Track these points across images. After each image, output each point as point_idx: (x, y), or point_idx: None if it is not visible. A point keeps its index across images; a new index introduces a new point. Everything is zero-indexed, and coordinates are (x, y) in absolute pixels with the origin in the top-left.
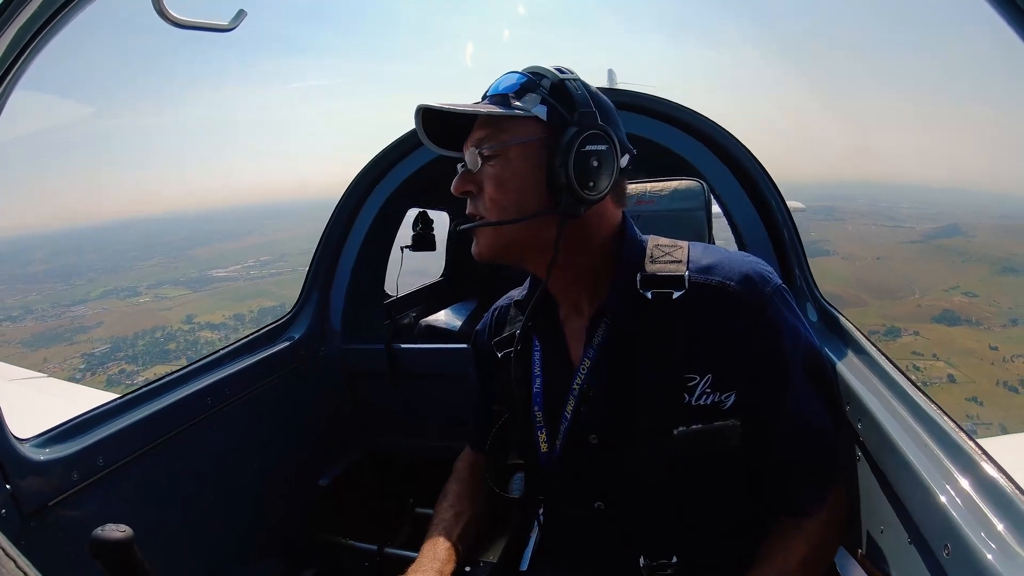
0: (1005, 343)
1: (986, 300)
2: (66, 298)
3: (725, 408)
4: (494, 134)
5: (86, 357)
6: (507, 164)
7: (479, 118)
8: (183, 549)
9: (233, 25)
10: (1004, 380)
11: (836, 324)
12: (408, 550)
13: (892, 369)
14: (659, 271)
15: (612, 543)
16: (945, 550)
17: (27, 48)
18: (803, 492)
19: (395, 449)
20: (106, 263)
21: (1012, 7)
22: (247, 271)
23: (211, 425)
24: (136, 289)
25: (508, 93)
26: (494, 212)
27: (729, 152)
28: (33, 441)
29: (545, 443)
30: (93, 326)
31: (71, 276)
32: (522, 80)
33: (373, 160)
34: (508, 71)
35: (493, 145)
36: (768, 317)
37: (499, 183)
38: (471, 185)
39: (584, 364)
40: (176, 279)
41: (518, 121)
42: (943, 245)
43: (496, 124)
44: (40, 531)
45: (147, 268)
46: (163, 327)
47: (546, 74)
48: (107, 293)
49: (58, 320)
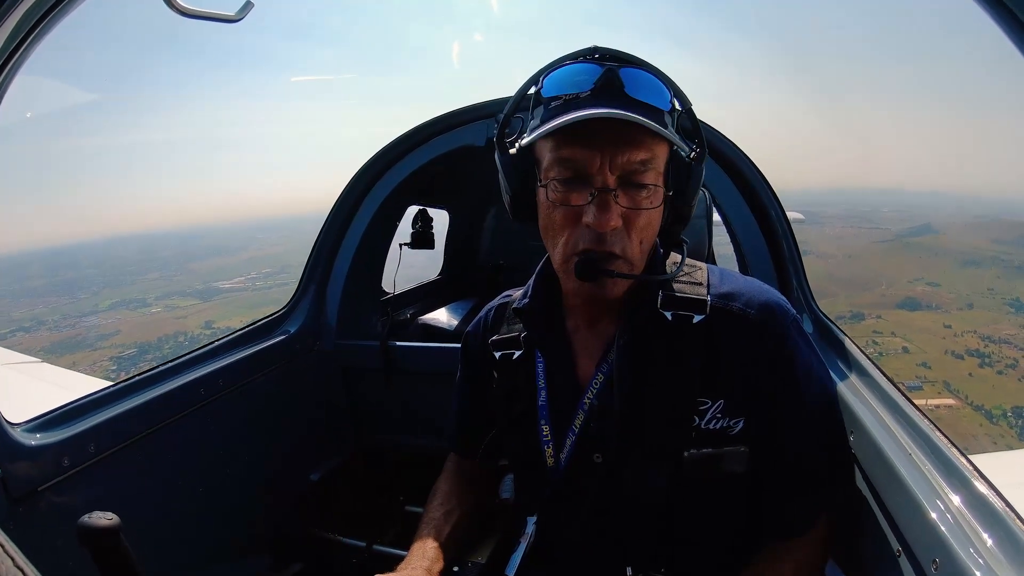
0: (959, 323)
1: (947, 289)
2: (75, 310)
3: (733, 434)
4: (652, 161)
5: (116, 360)
6: (657, 199)
7: (633, 128)
8: (172, 538)
9: (240, 16)
10: (952, 350)
11: (832, 337)
12: (397, 548)
13: (886, 383)
14: (681, 292)
15: (602, 554)
16: (934, 565)
17: (27, 38)
18: (796, 515)
19: (387, 446)
20: (106, 277)
21: (1004, 10)
22: (252, 282)
23: (204, 416)
24: (145, 300)
25: (659, 107)
26: (639, 254)
27: (730, 161)
28: (25, 426)
29: (551, 458)
30: (112, 334)
31: (74, 290)
32: (668, 94)
33: (374, 157)
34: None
35: (655, 181)
36: (786, 348)
37: (651, 222)
38: (620, 220)
39: (596, 380)
40: (183, 291)
41: (661, 142)
42: (913, 243)
43: (651, 146)
44: (29, 516)
45: (149, 282)
46: (184, 332)
47: (675, 89)
48: (116, 305)
49: (73, 330)
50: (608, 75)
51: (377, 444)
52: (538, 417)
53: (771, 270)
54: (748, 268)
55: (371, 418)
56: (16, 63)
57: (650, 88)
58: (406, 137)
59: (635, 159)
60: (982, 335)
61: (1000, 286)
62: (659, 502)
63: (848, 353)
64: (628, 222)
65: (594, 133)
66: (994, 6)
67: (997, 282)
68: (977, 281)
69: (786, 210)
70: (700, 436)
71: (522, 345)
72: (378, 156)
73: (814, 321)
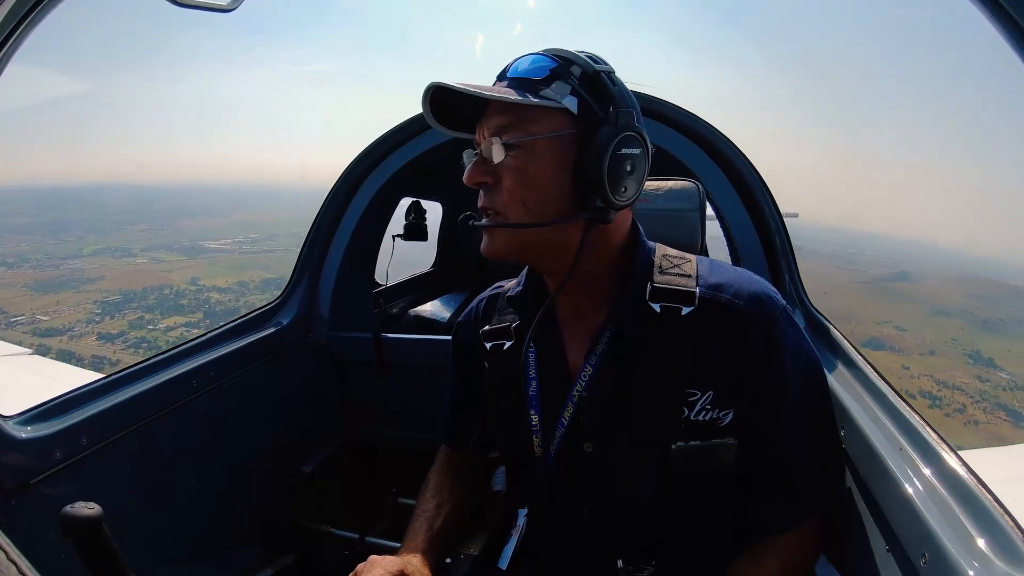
0: (917, 366)
1: (913, 334)
2: (59, 252)
3: (723, 425)
4: (518, 123)
5: (101, 304)
6: (532, 158)
7: (497, 103)
8: (165, 529)
9: (233, 6)
10: (906, 389)
11: (824, 331)
12: (389, 540)
13: (877, 378)
14: (669, 284)
15: (592, 545)
16: (923, 559)
17: (25, 18)
18: (784, 510)
19: (379, 438)
20: (92, 223)
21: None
22: (240, 245)
23: (196, 408)
24: (130, 251)
25: (534, 78)
26: (515, 209)
27: (724, 156)
28: (16, 418)
29: (539, 448)
30: (97, 279)
31: (59, 232)
32: (551, 65)
33: (367, 148)
34: (529, 52)
35: (519, 136)
36: (775, 338)
37: (523, 178)
38: (488, 176)
39: (585, 371)
40: (169, 245)
41: (544, 111)
42: (888, 288)
43: (519, 112)
44: (21, 509)
45: (135, 232)
46: (169, 286)
47: (576, 61)
48: (100, 251)
49: (57, 270)
50: (504, 68)
51: (369, 436)
52: (528, 407)
53: (764, 264)
54: (741, 262)
55: (363, 410)
56: (17, 39)
57: (529, 65)
58: (399, 129)
59: (496, 123)
60: (937, 380)
61: (963, 337)
62: (648, 494)
63: (840, 348)
64: (498, 179)
65: (483, 115)
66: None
67: (960, 333)
68: (943, 330)
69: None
70: (689, 427)
71: (513, 335)
72: (371, 148)
73: (806, 316)
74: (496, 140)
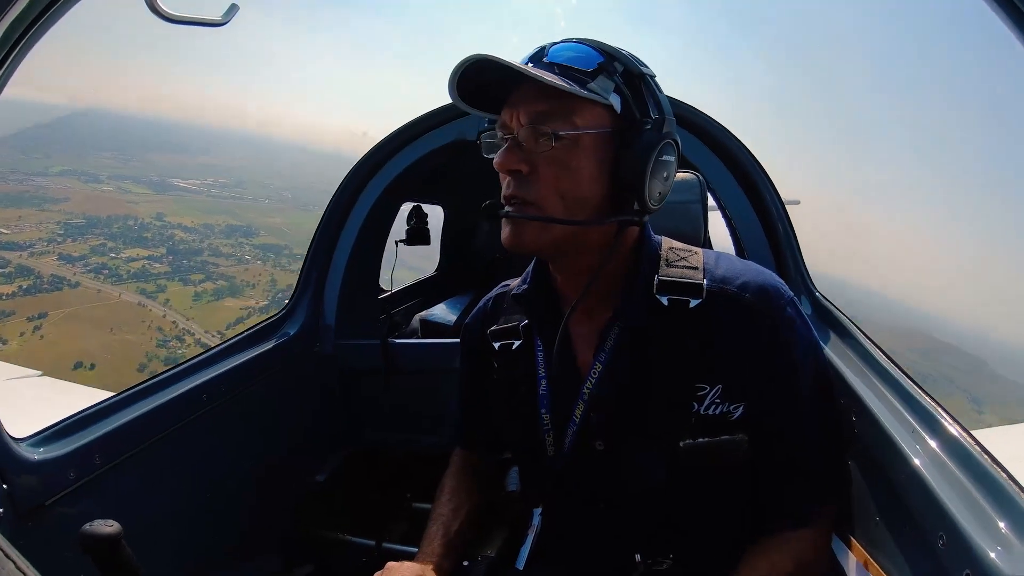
0: None
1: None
2: (23, 167)
3: (733, 419)
4: (560, 112)
5: (64, 225)
6: (576, 152)
7: (538, 85)
8: (181, 544)
9: (226, 20)
10: None
11: (831, 317)
12: (406, 545)
13: (887, 361)
14: (676, 277)
15: (609, 541)
16: (940, 540)
17: (18, 43)
18: (798, 503)
19: (391, 444)
20: (61, 145)
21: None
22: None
23: (207, 422)
24: (97, 176)
25: (582, 68)
26: (552, 201)
27: (724, 147)
28: (29, 440)
29: (552, 447)
30: (62, 199)
31: (25, 147)
32: (599, 59)
33: (367, 154)
34: (567, 39)
35: (565, 128)
36: (783, 331)
37: (564, 171)
38: (523, 164)
39: (595, 368)
40: (136, 177)
41: (588, 105)
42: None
43: (562, 100)
44: (37, 530)
45: (102, 159)
46: (134, 217)
47: (619, 57)
48: (66, 172)
49: (21, 185)
50: (538, 50)
51: (380, 443)
52: (539, 406)
53: (768, 254)
54: (745, 253)
55: (373, 417)
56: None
57: (574, 53)
58: (398, 133)
59: (536, 108)
60: None
61: None
62: (660, 489)
63: (850, 334)
64: (534, 168)
65: (513, 96)
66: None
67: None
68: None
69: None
70: (700, 421)
71: (521, 335)
72: (371, 154)
73: (813, 304)
74: (543, 128)
